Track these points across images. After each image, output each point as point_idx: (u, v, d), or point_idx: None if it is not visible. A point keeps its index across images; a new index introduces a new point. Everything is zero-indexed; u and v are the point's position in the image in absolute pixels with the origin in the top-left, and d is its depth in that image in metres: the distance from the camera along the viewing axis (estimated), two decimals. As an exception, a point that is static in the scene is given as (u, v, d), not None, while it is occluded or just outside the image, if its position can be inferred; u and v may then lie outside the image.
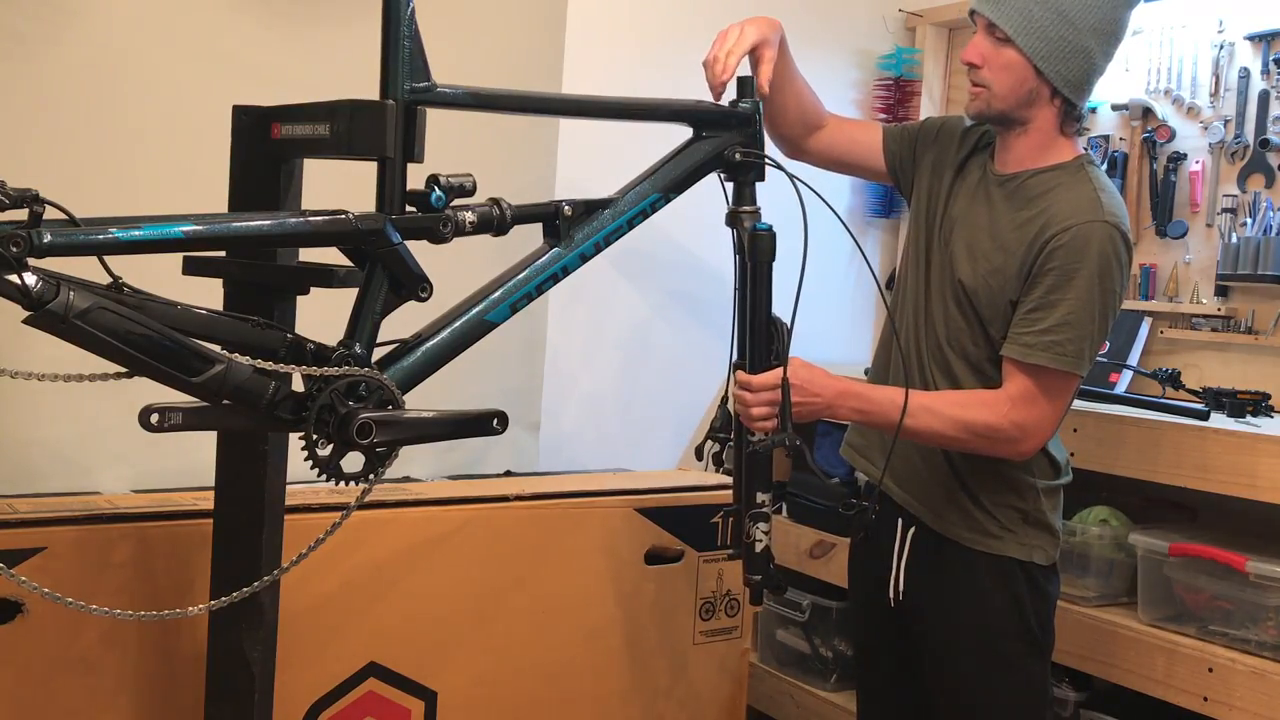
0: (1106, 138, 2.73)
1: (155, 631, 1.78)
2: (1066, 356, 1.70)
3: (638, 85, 1.88)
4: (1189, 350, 2.57)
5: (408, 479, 2.32)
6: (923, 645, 1.90)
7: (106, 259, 1.21)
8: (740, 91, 1.78)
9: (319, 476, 1.35)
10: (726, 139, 1.73)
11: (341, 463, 1.36)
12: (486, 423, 1.45)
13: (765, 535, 1.74)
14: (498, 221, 1.47)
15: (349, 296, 1.39)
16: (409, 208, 1.39)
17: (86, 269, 1.19)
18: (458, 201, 1.42)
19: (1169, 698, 2.06)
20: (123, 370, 1.23)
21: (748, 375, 1.70)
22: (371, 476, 1.38)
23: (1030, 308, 1.73)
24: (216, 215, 1.29)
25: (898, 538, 1.90)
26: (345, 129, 1.37)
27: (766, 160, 1.75)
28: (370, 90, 1.37)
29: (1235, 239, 2.47)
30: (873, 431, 1.93)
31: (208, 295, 1.41)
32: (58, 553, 1.71)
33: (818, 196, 1.67)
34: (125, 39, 2.06)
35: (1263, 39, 2.47)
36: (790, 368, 1.69)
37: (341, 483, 1.37)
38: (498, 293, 1.50)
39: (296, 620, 1.80)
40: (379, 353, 1.41)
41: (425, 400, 1.40)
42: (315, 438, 1.32)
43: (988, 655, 1.84)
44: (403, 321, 1.43)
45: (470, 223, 1.44)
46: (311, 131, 1.41)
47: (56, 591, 1.25)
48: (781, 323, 1.72)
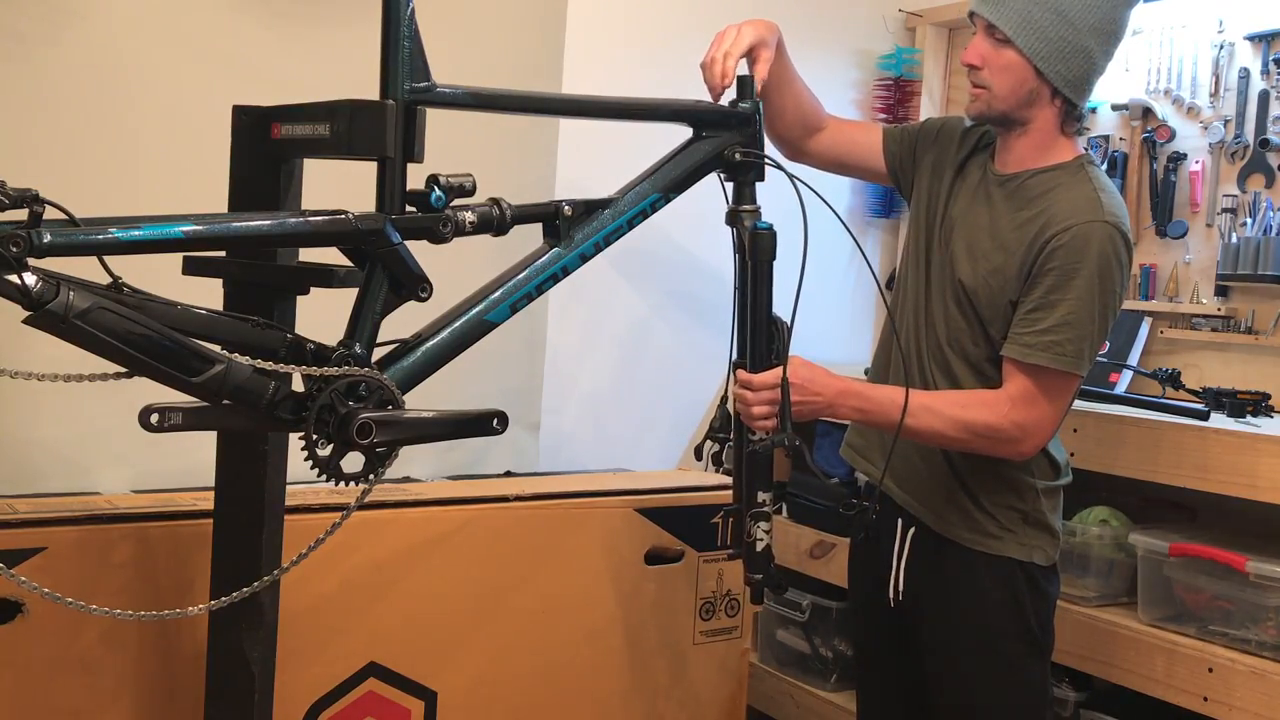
0: (1106, 138, 2.73)
1: (155, 631, 1.78)
2: (1066, 357, 1.71)
3: (638, 85, 1.87)
4: (1189, 350, 2.57)
5: (408, 479, 2.32)
6: (923, 645, 1.90)
7: (106, 259, 1.21)
8: (740, 91, 1.78)
9: (319, 476, 1.35)
10: (726, 139, 1.73)
11: (341, 463, 1.35)
12: (486, 423, 1.45)
13: (766, 534, 1.74)
14: (498, 221, 1.47)
15: (349, 296, 1.39)
16: (409, 208, 1.39)
17: (86, 269, 1.19)
18: (458, 201, 1.42)
19: (1169, 698, 2.06)
20: (123, 370, 1.22)
21: (749, 374, 1.70)
22: (371, 476, 1.38)
23: (1030, 308, 1.73)
24: (216, 215, 1.29)
25: (898, 538, 1.90)
26: (345, 129, 1.36)
27: (766, 160, 1.75)
28: (370, 90, 1.37)
29: (1235, 239, 2.47)
30: (873, 432, 1.93)
31: (208, 295, 1.41)
32: (58, 553, 1.71)
33: (818, 196, 1.67)
34: (125, 39, 2.06)
35: (1263, 39, 2.47)
36: (791, 366, 1.69)
37: (341, 483, 1.36)
38: (498, 293, 1.49)
39: (296, 620, 1.80)
40: (379, 353, 1.41)
41: (425, 400, 1.40)
42: (315, 438, 1.32)
43: (988, 655, 1.84)
44: (403, 321, 1.43)
45: (470, 223, 1.44)
46: (311, 131, 1.40)
47: (56, 591, 1.25)
48: (782, 322, 1.72)
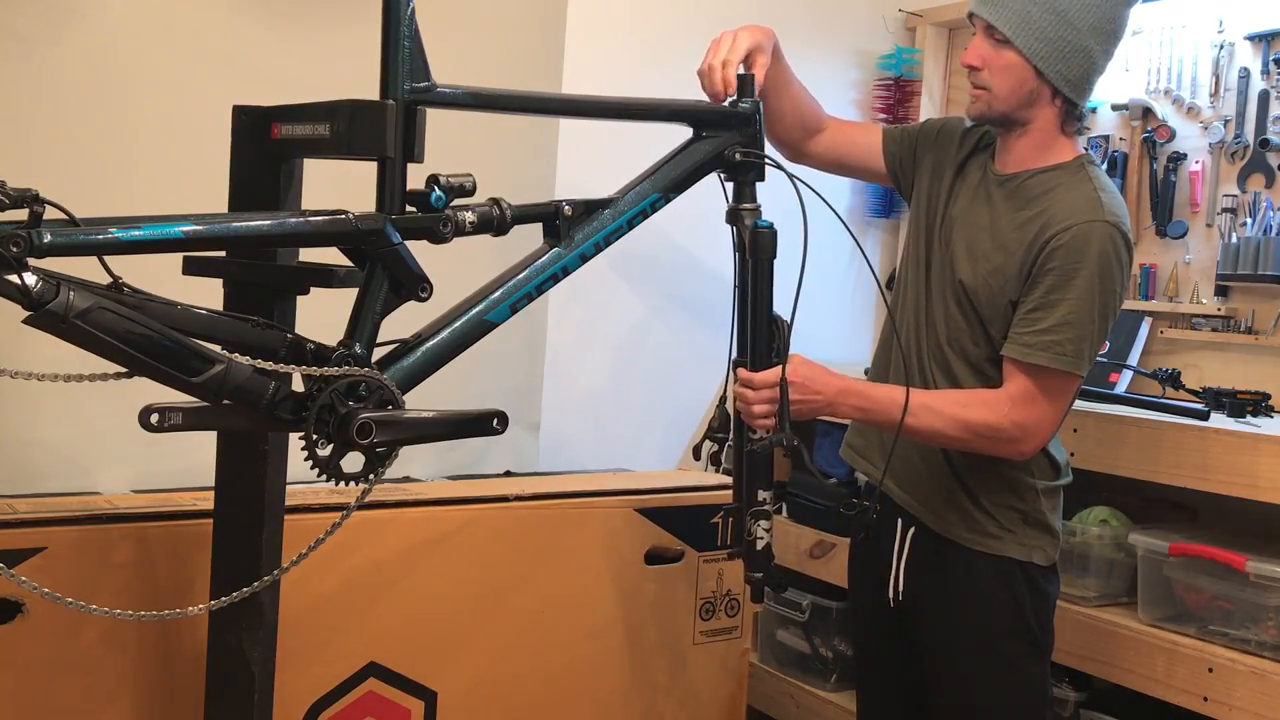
0: (1106, 138, 2.73)
1: (155, 631, 1.78)
2: (1066, 356, 1.70)
3: (638, 85, 1.87)
4: (1189, 350, 2.57)
5: (408, 479, 2.32)
6: (923, 645, 1.90)
7: (106, 259, 1.21)
8: (740, 91, 1.78)
9: (319, 476, 1.35)
10: (726, 139, 1.73)
11: (341, 463, 1.35)
12: (486, 423, 1.45)
13: (766, 533, 1.73)
14: (498, 221, 1.47)
15: (349, 296, 1.39)
16: (409, 208, 1.39)
17: (86, 269, 1.19)
18: (458, 201, 1.42)
19: (1169, 698, 2.06)
20: (123, 370, 1.22)
21: (749, 373, 1.70)
22: (371, 476, 1.38)
23: (1030, 308, 1.73)
24: (216, 215, 1.29)
25: (898, 538, 1.90)
26: (345, 129, 1.37)
27: (766, 160, 1.75)
28: (370, 90, 1.37)
29: (1235, 239, 2.47)
30: (872, 432, 1.93)
31: (208, 295, 1.41)
32: (58, 553, 1.71)
33: (818, 196, 1.67)
34: (125, 39, 2.06)
35: (1263, 39, 2.47)
36: (791, 365, 1.69)
37: (341, 483, 1.36)
38: (498, 293, 1.49)
39: (296, 620, 1.80)
40: (379, 353, 1.41)
41: (425, 400, 1.40)
42: (315, 438, 1.32)
43: (988, 655, 1.84)
44: (403, 321, 1.43)
45: (470, 223, 1.44)
46: (311, 131, 1.41)
47: (56, 591, 1.25)
48: (782, 320, 1.72)
